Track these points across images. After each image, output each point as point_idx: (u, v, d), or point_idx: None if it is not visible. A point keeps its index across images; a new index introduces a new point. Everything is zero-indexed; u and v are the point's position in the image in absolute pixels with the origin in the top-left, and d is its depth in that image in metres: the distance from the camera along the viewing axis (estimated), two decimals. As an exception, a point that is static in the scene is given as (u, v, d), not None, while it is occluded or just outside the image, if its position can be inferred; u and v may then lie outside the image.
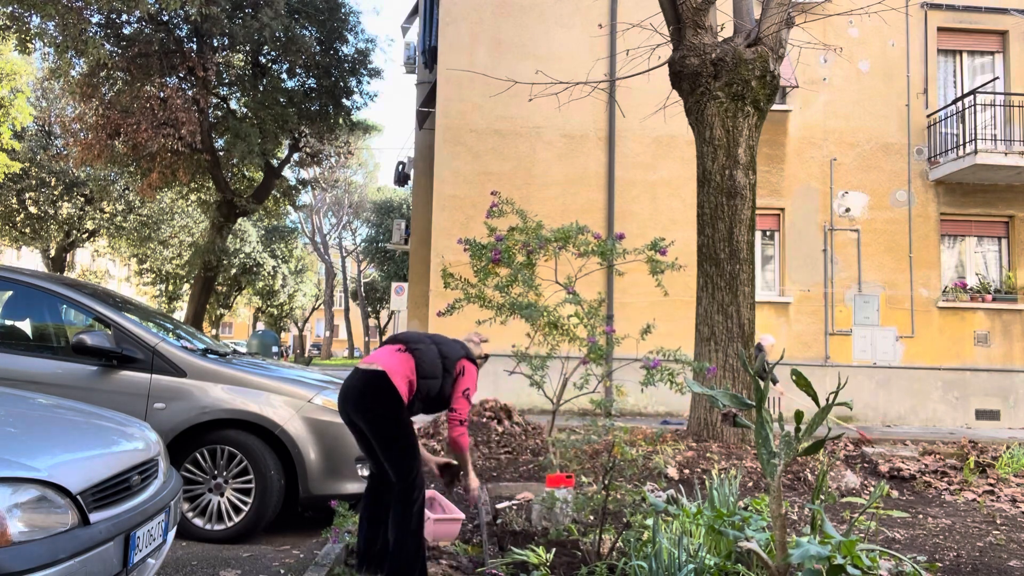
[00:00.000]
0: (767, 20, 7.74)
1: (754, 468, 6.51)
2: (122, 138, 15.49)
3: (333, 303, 48.30)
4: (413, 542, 3.44)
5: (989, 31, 13.83)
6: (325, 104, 18.05)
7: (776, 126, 13.11)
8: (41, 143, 23.56)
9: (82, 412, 3.15)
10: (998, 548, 4.85)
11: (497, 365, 7.45)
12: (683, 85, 7.91)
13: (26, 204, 24.23)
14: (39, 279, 5.03)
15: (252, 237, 33.64)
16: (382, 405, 3.45)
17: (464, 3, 13.30)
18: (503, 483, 5.83)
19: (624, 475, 4.22)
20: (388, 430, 3.46)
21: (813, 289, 13.15)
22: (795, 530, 4.86)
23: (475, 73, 12.15)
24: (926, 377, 13.09)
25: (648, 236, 6.78)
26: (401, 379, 3.50)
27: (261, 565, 4.09)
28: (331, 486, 4.81)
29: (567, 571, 3.71)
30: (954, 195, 13.43)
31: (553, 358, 5.83)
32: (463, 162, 12.96)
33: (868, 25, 12.91)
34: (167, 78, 15.58)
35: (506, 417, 8.20)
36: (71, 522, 2.33)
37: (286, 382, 4.96)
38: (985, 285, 13.52)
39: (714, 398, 2.74)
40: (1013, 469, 7.32)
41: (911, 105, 13.49)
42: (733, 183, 7.65)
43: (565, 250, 6.17)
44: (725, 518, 3.34)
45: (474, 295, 6.13)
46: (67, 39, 14.04)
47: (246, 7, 15.95)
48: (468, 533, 4.72)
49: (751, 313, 7.66)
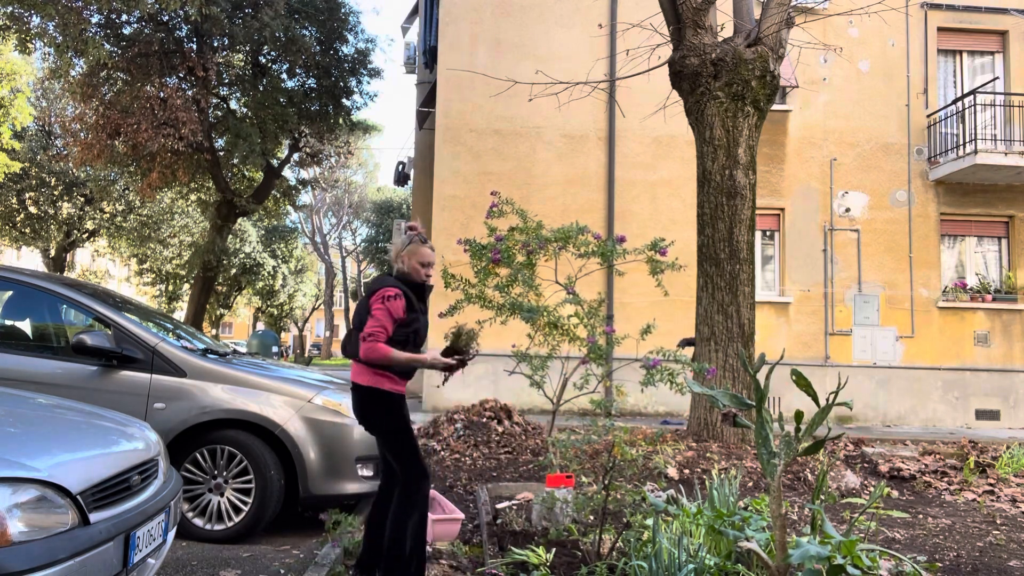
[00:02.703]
0: (767, 20, 7.74)
1: (754, 468, 6.51)
2: (122, 138, 15.48)
3: (333, 303, 48.31)
4: (413, 539, 3.47)
5: (989, 31, 13.83)
6: (325, 104, 18.04)
7: (776, 126, 13.11)
8: (41, 143, 23.56)
9: (82, 412, 3.15)
10: (998, 548, 4.85)
11: (497, 365, 7.46)
12: (683, 85, 7.91)
13: (26, 204, 24.23)
14: (39, 279, 5.03)
15: (252, 237, 33.64)
16: (372, 415, 3.57)
17: (464, 3, 13.29)
18: (503, 483, 5.83)
19: (624, 475, 4.22)
20: (384, 439, 3.61)
21: (813, 289, 13.15)
22: (795, 530, 4.86)
23: (475, 73, 12.15)
24: (926, 377, 13.09)
25: (648, 236, 6.78)
26: (371, 376, 3.52)
27: (261, 565, 4.09)
28: (331, 486, 4.81)
29: (567, 571, 3.71)
30: (954, 195, 13.43)
31: (553, 358, 5.83)
32: (463, 162, 12.96)
33: (868, 25, 12.91)
34: (167, 78, 15.58)
35: (506, 417, 8.20)
36: (71, 522, 2.33)
37: (286, 382, 4.96)
38: (985, 285, 13.53)
39: (714, 398, 2.74)
40: (1013, 469, 7.32)
41: (911, 105, 13.49)
42: (733, 183, 7.65)
43: (565, 250, 6.17)
44: (725, 518, 3.34)
45: (474, 295, 6.13)
46: (67, 39, 14.04)
47: (246, 7, 15.95)
48: (468, 533, 4.72)
49: (751, 313, 7.66)
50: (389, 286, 3.52)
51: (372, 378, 3.52)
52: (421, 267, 3.65)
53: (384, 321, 3.47)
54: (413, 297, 3.58)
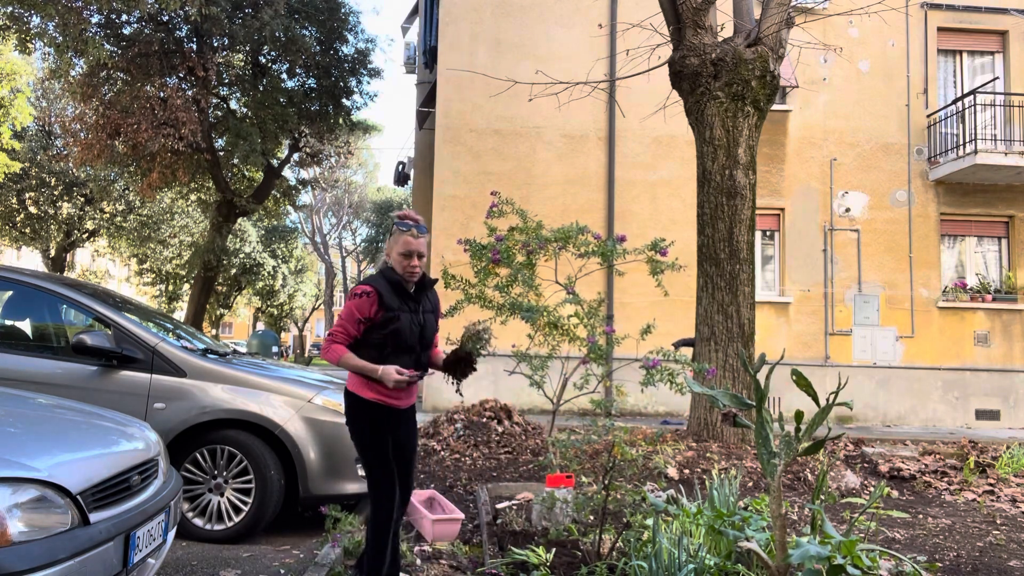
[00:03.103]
0: (767, 20, 7.74)
1: (754, 468, 6.51)
2: (122, 138, 15.48)
3: (333, 303, 48.26)
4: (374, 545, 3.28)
5: (989, 31, 13.83)
6: (325, 104, 18.05)
7: (776, 126, 13.11)
8: (41, 143, 23.56)
9: (82, 412, 3.15)
10: (998, 548, 4.85)
11: (497, 365, 7.46)
12: (683, 85, 7.91)
13: (26, 204, 24.23)
14: (39, 279, 5.03)
15: (252, 237, 33.63)
16: (348, 420, 3.35)
17: (464, 3, 13.30)
18: (503, 483, 5.83)
19: (624, 475, 4.22)
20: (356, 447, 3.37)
21: (813, 289, 13.15)
22: (795, 530, 4.86)
23: (475, 73, 12.15)
24: (926, 377, 13.09)
25: (648, 236, 6.78)
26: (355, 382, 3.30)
27: (261, 565, 4.09)
28: (331, 486, 4.81)
29: (567, 571, 3.71)
30: (954, 195, 13.43)
31: (553, 358, 5.83)
32: (463, 162, 12.96)
33: (868, 25, 12.91)
34: (167, 78, 15.58)
35: (506, 417, 8.20)
36: (71, 522, 2.33)
37: (286, 382, 4.96)
38: (985, 285, 13.52)
39: (714, 398, 2.74)
40: (1013, 469, 7.32)
41: (911, 105, 13.49)
42: (733, 183, 7.65)
43: (565, 250, 6.17)
44: (725, 518, 3.34)
45: (474, 295, 6.14)
46: (67, 39, 14.04)
47: (246, 7, 15.94)
48: (468, 533, 4.72)
49: (751, 313, 7.66)
50: (366, 283, 3.26)
51: (356, 384, 3.27)
52: (403, 258, 3.27)
53: (345, 321, 3.21)
54: (391, 294, 3.23)
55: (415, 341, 3.30)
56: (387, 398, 3.26)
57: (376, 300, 3.19)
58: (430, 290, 3.47)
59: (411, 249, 3.25)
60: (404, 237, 3.26)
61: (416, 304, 3.33)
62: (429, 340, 3.42)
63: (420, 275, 3.35)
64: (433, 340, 3.47)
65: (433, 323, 3.45)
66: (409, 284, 3.32)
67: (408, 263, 3.26)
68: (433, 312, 3.47)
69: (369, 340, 3.22)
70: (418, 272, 3.31)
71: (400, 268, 3.28)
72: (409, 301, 3.30)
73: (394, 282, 3.27)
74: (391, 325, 3.20)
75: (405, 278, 3.29)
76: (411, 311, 3.29)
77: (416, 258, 3.27)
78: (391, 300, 3.22)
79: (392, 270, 3.30)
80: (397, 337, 3.22)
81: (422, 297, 3.39)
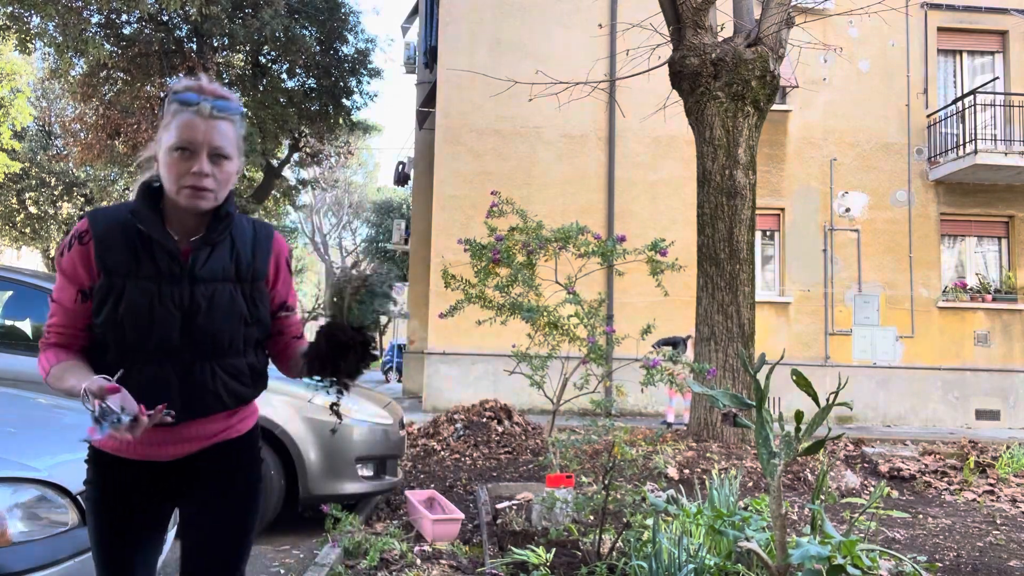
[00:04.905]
0: (767, 20, 7.74)
1: (754, 468, 6.51)
2: (122, 138, 15.49)
3: (333, 303, 48.22)
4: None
5: (989, 31, 13.84)
6: (325, 104, 18.06)
7: (776, 126, 13.11)
8: (41, 143, 23.57)
9: (82, 412, 3.15)
10: (998, 548, 4.85)
11: (497, 365, 7.45)
12: (683, 85, 7.91)
13: (26, 204, 24.23)
14: (39, 279, 5.03)
15: (252, 237, 33.58)
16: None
17: (464, 3, 13.30)
18: (503, 483, 5.84)
19: (624, 475, 4.22)
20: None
21: (813, 289, 13.15)
22: (795, 530, 4.86)
23: (475, 73, 12.15)
24: (926, 377, 13.09)
25: (648, 236, 6.78)
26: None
27: (261, 565, 4.09)
28: (331, 486, 4.81)
29: (567, 571, 3.71)
30: (954, 195, 13.43)
31: (553, 358, 5.83)
32: (463, 162, 12.97)
33: (868, 25, 12.91)
34: (167, 78, 15.58)
35: (506, 417, 8.20)
36: (71, 522, 2.33)
37: (286, 382, 4.96)
38: (985, 285, 13.53)
39: (714, 398, 2.74)
40: (1013, 469, 7.32)
41: (911, 105, 13.49)
42: (733, 183, 7.65)
43: (565, 250, 6.17)
44: (725, 518, 3.33)
45: (474, 295, 6.13)
46: (67, 39, 14.04)
47: (246, 7, 15.95)
48: (468, 533, 4.72)
49: (751, 313, 7.66)
50: (86, 217, 1.71)
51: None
52: (177, 159, 1.62)
53: (57, 303, 1.70)
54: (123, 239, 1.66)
55: (171, 335, 1.66)
56: (134, 445, 1.73)
57: (92, 252, 1.65)
58: (248, 239, 1.79)
59: (194, 139, 1.61)
60: (183, 118, 1.62)
61: (189, 262, 1.69)
62: (213, 334, 1.70)
63: (215, 202, 1.68)
64: (231, 334, 1.74)
65: (228, 300, 1.73)
66: (183, 219, 1.69)
67: (186, 168, 1.61)
68: (247, 280, 1.77)
69: (94, 331, 1.69)
70: (209, 194, 1.64)
71: (172, 182, 1.63)
72: (167, 254, 1.67)
73: (143, 215, 1.67)
74: (106, 304, 1.64)
75: (180, 203, 1.64)
76: (167, 275, 1.67)
77: (206, 161, 1.62)
78: (119, 252, 1.65)
79: (150, 191, 1.71)
80: (118, 329, 1.65)
81: (214, 250, 1.72)
